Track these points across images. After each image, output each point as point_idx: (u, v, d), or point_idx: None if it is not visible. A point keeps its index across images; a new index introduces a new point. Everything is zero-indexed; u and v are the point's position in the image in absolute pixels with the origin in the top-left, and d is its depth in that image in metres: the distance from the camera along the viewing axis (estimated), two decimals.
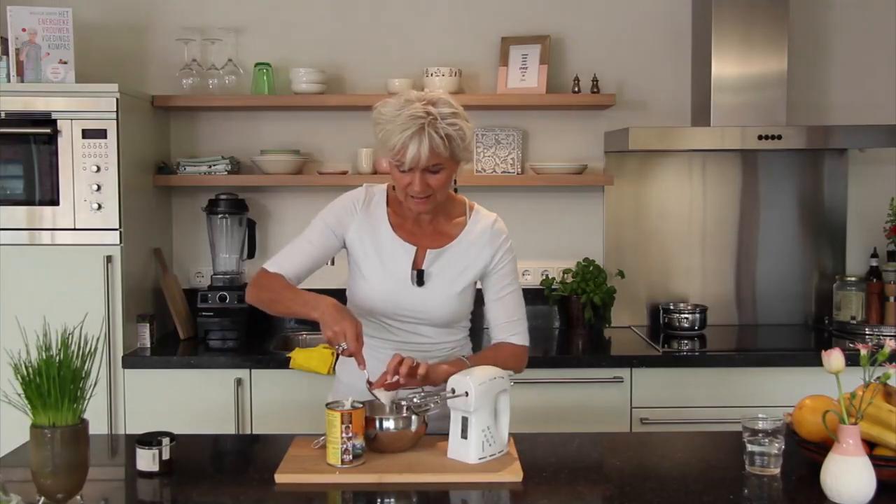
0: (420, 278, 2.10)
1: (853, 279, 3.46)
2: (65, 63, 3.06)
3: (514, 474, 1.80)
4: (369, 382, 1.93)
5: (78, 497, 1.60)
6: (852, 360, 1.68)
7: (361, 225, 2.14)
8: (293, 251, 2.15)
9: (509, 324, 2.19)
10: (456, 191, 2.19)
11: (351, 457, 1.81)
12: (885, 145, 3.23)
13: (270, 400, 3.02)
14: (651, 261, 3.63)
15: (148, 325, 3.16)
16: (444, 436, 1.91)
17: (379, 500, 1.71)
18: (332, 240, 2.15)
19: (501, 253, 2.16)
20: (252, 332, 3.37)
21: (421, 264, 2.11)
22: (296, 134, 3.59)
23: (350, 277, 2.19)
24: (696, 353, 3.18)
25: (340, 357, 2.29)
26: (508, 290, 2.18)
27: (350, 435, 1.81)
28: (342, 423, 1.81)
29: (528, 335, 2.22)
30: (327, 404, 1.87)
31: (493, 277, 2.16)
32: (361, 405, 1.86)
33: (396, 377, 1.93)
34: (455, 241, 2.14)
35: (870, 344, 1.75)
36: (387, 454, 1.89)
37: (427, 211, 2.08)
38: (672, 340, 3.35)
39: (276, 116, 3.59)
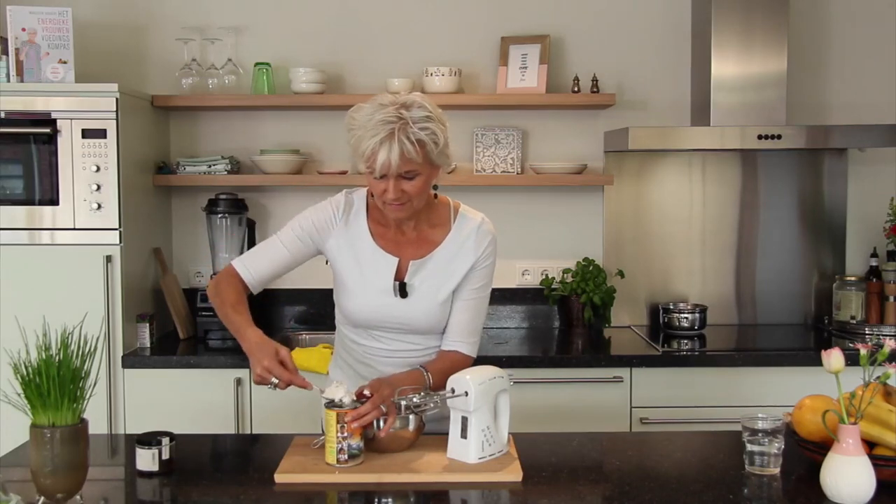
0: (403, 290, 2.06)
1: (853, 279, 3.46)
2: (64, 63, 3.06)
3: (513, 474, 1.80)
4: (321, 391, 1.88)
5: (78, 497, 1.60)
6: (852, 359, 1.68)
7: (341, 236, 2.08)
8: (264, 253, 2.10)
9: (467, 332, 2.10)
10: (436, 196, 2.11)
11: (346, 456, 1.81)
12: (885, 145, 3.23)
13: (270, 400, 3.01)
14: (651, 260, 3.63)
15: (148, 324, 3.17)
16: (444, 436, 1.90)
17: (378, 500, 1.71)
18: (308, 246, 2.09)
19: (483, 257, 2.09)
20: None
21: (404, 276, 2.07)
22: (295, 134, 3.59)
23: (334, 286, 2.15)
24: (696, 353, 3.18)
25: (333, 360, 2.28)
26: (478, 296, 2.11)
27: (345, 434, 1.80)
28: (337, 422, 1.81)
29: (477, 349, 2.14)
30: (325, 403, 1.87)
31: (468, 278, 2.09)
32: (360, 405, 1.85)
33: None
34: (439, 249, 2.08)
35: (869, 344, 1.75)
36: (386, 454, 1.89)
37: (404, 217, 2.02)
38: (672, 340, 3.35)
39: (275, 116, 3.59)
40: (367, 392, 1.89)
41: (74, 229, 3.03)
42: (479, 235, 2.09)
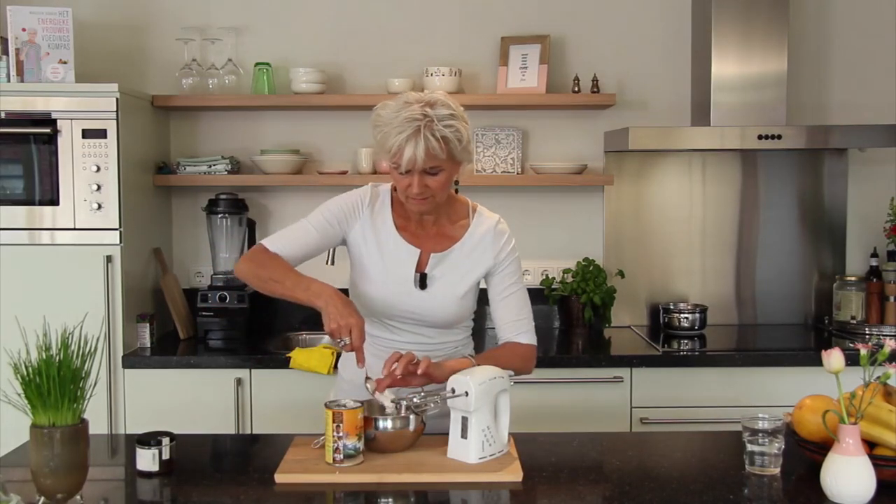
0: (423, 282, 2.10)
1: (853, 279, 3.46)
2: (65, 63, 3.06)
3: (513, 474, 1.80)
4: (368, 378, 1.92)
5: (78, 497, 1.60)
6: (852, 359, 1.68)
7: (366, 225, 2.12)
8: (295, 234, 2.11)
9: (515, 323, 2.17)
10: (457, 191, 2.17)
11: (342, 456, 1.81)
12: (885, 145, 3.23)
13: (270, 400, 3.02)
14: (651, 260, 3.63)
15: (148, 324, 3.17)
16: (444, 436, 1.90)
17: (378, 500, 1.71)
18: (335, 232, 2.12)
19: (505, 254, 2.15)
20: (252, 332, 3.37)
21: (424, 267, 2.11)
22: (296, 134, 3.59)
23: (352, 276, 2.18)
24: (696, 353, 3.18)
25: (343, 354, 2.30)
26: (513, 290, 2.17)
27: (340, 434, 1.80)
28: (333, 421, 1.81)
29: (535, 335, 2.19)
30: (326, 403, 1.87)
31: (496, 277, 2.16)
32: (360, 405, 1.86)
33: (395, 369, 1.92)
34: (458, 244, 2.13)
35: (870, 344, 1.75)
36: (386, 454, 1.89)
37: (427, 211, 2.08)
38: (672, 340, 3.35)
39: (276, 116, 3.60)
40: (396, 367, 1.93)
41: (74, 229, 3.03)
42: (496, 234, 2.15)
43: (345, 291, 2.20)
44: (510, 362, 2.05)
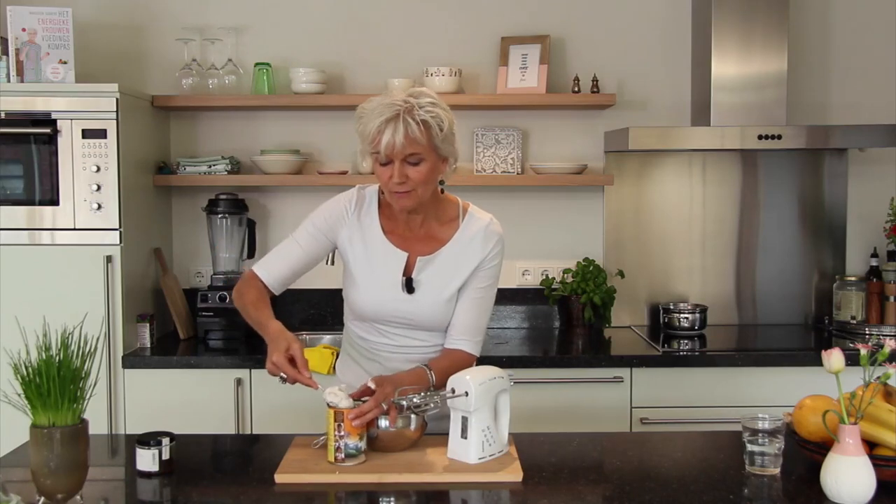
0: (409, 286, 2.07)
1: (853, 279, 3.46)
2: (65, 63, 3.06)
3: (513, 474, 1.80)
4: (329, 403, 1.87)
5: (78, 497, 1.60)
6: (852, 359, 1.68)
7: (353, 229, 2.10)
8: (282, 254, 2.14)
9: (471, 329, 2.11)
10: (443, 191, 2.13)
11: (343, 455, 1.81)
12: (885, 145, 3.23)
13: (270, 400, 3.02)
14: (651, 260, 3.63)
15: (148, 325, 3.17)
16: (445, 435, 1.90)
17: (379, 500, 1.71)
18: (323, 243, 2.13)
19: (491, 255, 2.11)
20: (252, 332, 3.31)
21: (411, 272, 2.08)
22: (296, 134, 3.59)
23: (343, 280, 2.17)
24: (696, 353, 3.18)
25: (341, 357, 2.30)
26: (483, 295, 2.12)
27: (342, 434, 1.81)
28: (335, 420, 1.81)
29: (481, 348, 2.14)
30: (328, 402, 1.87)
31: (474, 277, 2.11)
32: (362, 404, 1.86)
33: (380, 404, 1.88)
34: (446, 246, 2.10)
35: (870, 344, 1.75)
36: (387, 454, 1.89)
37: (411, 207, 2.03)
38: (672, 340, 3.35)
39: (276, 116, 3.60)
40: (371, 385, 1.90)
41: (74, 229, 3.03)
42: (486, 235, 2.11)
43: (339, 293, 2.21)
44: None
